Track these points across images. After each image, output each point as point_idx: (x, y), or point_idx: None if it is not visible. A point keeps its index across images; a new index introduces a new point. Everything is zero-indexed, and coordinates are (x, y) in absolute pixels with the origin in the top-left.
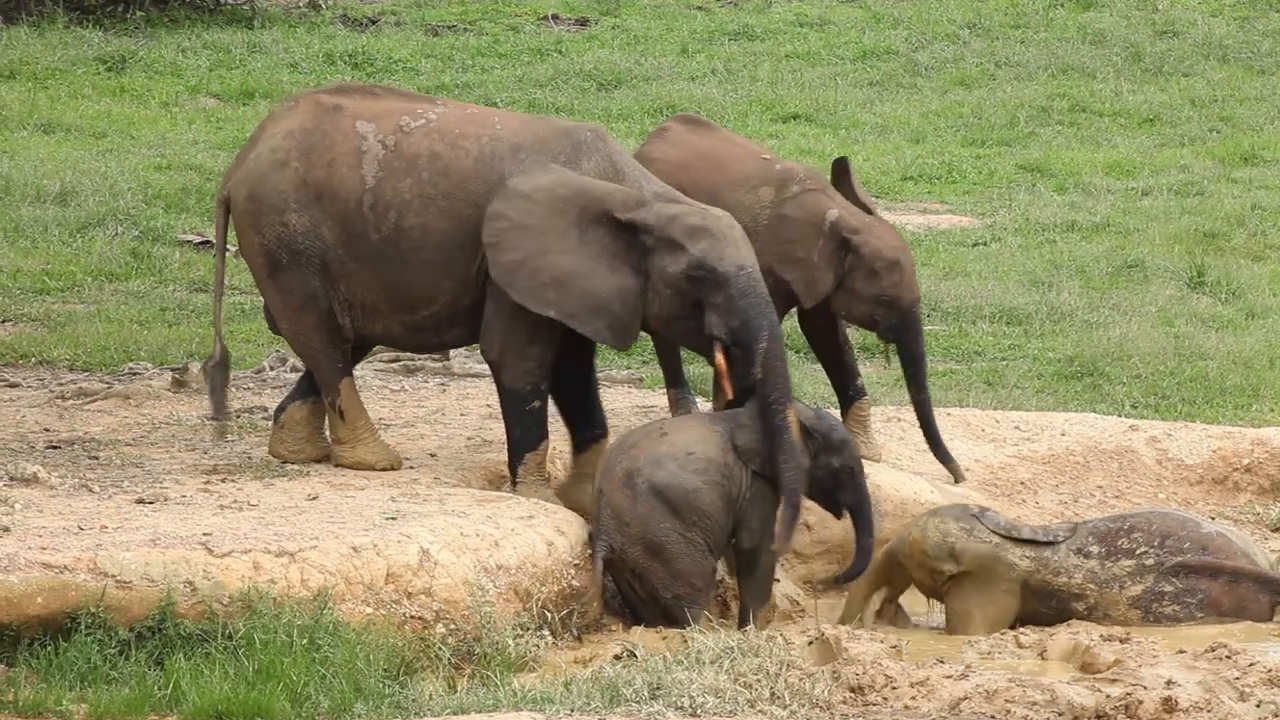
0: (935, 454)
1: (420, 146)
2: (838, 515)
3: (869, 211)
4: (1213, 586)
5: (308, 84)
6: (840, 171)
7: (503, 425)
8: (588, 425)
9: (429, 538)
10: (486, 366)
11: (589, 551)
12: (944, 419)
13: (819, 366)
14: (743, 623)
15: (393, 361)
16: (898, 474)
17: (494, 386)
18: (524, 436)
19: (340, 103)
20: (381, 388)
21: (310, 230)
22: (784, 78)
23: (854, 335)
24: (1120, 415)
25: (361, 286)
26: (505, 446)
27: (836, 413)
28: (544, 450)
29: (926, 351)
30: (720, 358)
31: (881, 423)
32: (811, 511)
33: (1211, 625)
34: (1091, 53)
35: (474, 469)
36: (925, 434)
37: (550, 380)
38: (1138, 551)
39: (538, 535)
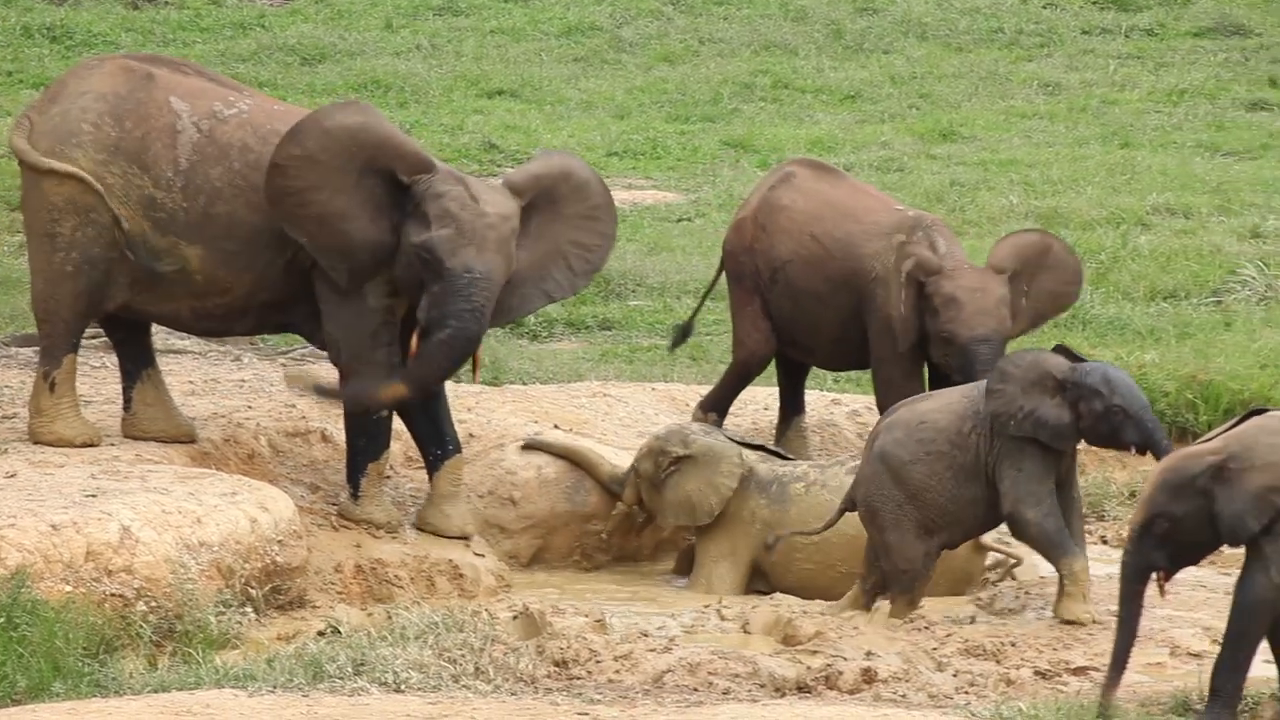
0: None
1: (233, 136)
2: (1141, 453)
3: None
4: None
5: (3, 58)
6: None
7: (210, 402)
8: (439, 444)
9: (130, 515)
10: (188, 341)
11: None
12: (649, 393)
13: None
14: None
15: (93, 338)
16: (605, 449)
17: (197, 362)
18: (368, 446)
19: (151, 71)
20: (82, 364)
21: (115, 198)
22: (489, 53)
23: None
24: (823, 390)
25: (155, 265)
26: (215, 423)
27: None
28: (385, 461)
29: (638, 329)
30: (416, 340)
31: (588, 398)
32: (516, 487)
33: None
34: (793, 29)
35: (176, 446)
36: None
37: None
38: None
39: (241, 512)
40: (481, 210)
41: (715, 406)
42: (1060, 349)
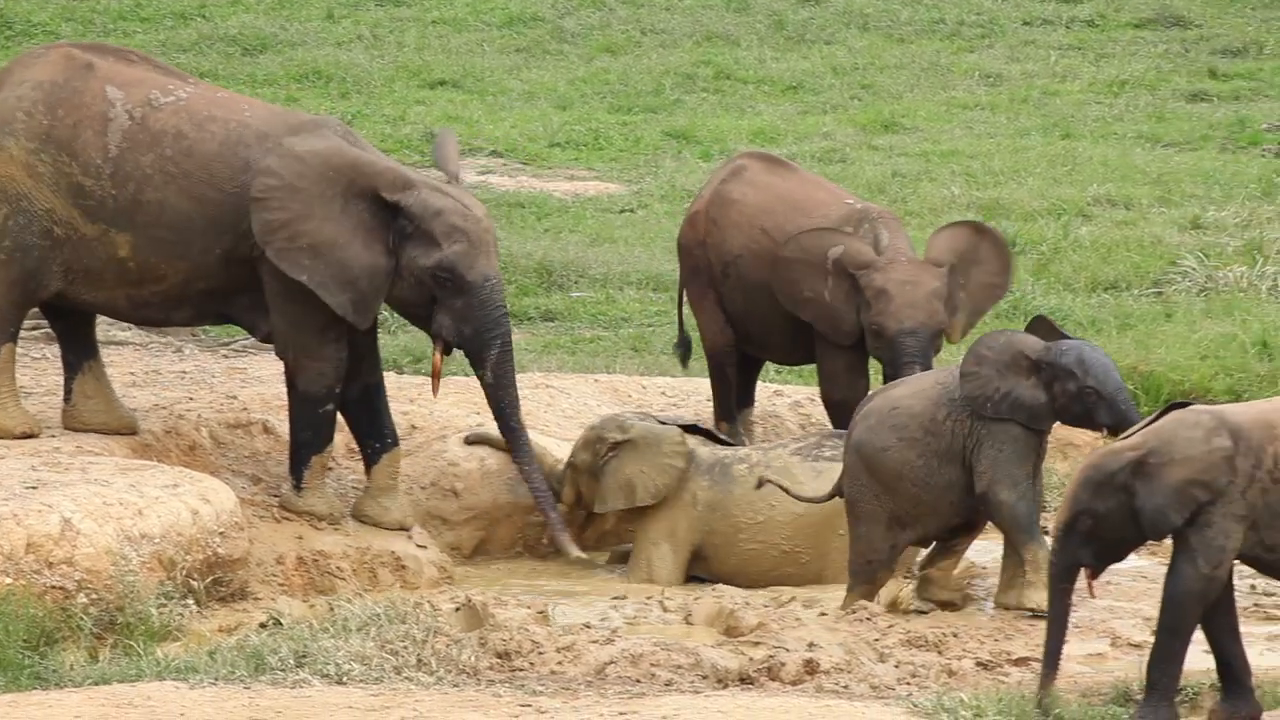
0: None
1: (167, 123)
2: (1114, 435)
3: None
4: None
5: None
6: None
7: (152, 393)
8: (377, 437)
9: (71, 507)
10: (130, 333)
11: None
12: (592, 385)
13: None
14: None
15: (34, 329)
16: (547, 440)
17: (138, 354)
18: (313, 439)
19: (92, 60)
20: (23, 355)
21: (46, 186)
22: (431, 43)
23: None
24: (764, 381)
25: (88, 254)
26: (157, 415)
27: None
28: (329, 454)
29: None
30: (438, 357)
31: (530, 389)
32: (459, 478)
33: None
34: (736, 20)
35: (118, 437)
36: None
37: (343, 381)
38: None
39: (182, 503)
40: (477, 216)
41: (723, 415)
42: (1040, 320)
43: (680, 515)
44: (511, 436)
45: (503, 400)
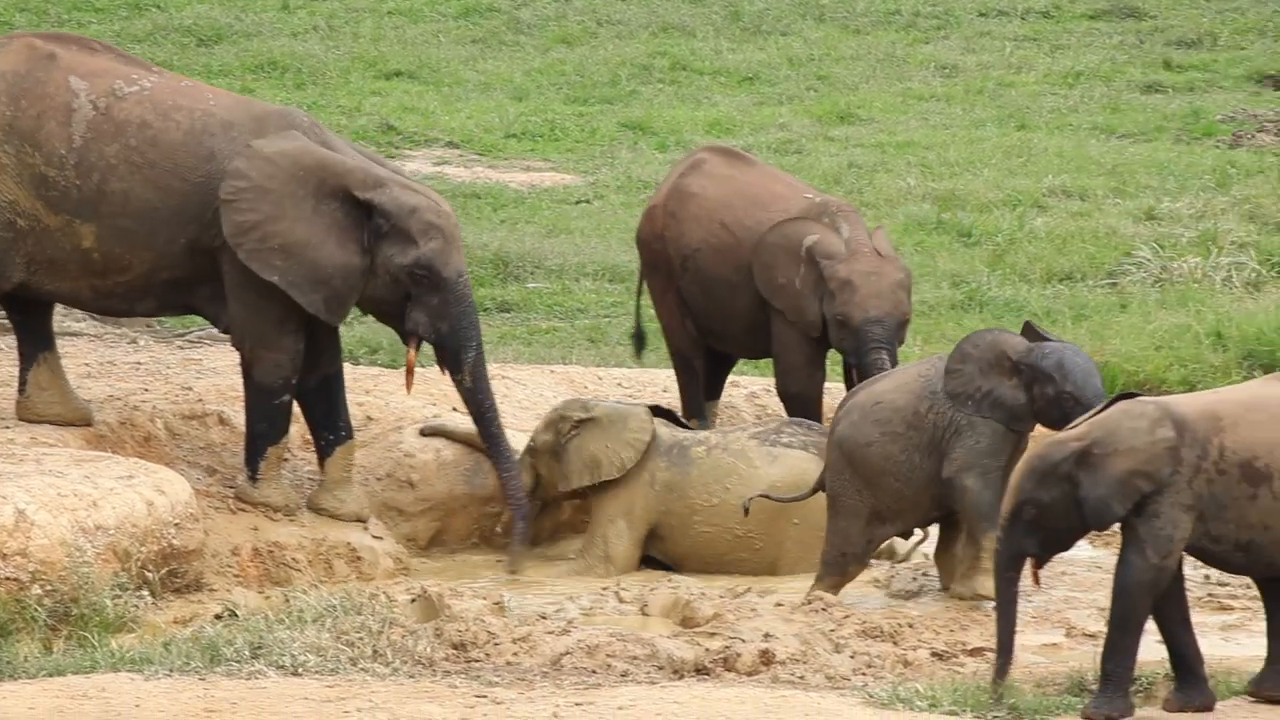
0: None
1: (131, 113)
2: None
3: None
4: None
5: None
6: None
7: (106, 384)
8: (332, 429)
9: (25, 498)
10: (84, 324)
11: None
12: (548, 376)
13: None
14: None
15: None
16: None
17: (93, 345)
18: (269, 431)
19: (55, 51)
20: None
21: (9, 177)
22: (386, 34)
23: None
24: None
25: (51, 245)
26: (111, 406)
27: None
28: (285, 445)
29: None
30: (413, 355)
31: None
32: (415, 469)
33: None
34: (691, 11)
35: (72, 429)
36: None
37: (299, 373)
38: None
39: (137, 495)
40: (447, 211)
41: (693, 412)
42: (1027, 327)
43: (638, 494)
44: (492, 442)
45: (483, 404)
